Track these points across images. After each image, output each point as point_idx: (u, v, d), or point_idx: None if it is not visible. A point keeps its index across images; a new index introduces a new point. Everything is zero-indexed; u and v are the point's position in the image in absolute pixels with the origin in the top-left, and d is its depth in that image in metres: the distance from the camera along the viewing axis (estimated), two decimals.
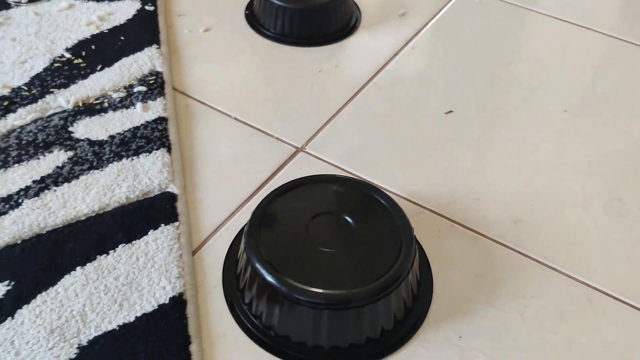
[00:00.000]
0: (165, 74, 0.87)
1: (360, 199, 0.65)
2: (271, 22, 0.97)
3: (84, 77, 0.85)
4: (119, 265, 0.63)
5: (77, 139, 0.76)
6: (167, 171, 0.73)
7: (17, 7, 0.97)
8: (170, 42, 0.94)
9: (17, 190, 0.70)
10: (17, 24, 0.94)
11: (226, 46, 0.96)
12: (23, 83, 0.84)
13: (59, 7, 0.97)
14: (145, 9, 0.98)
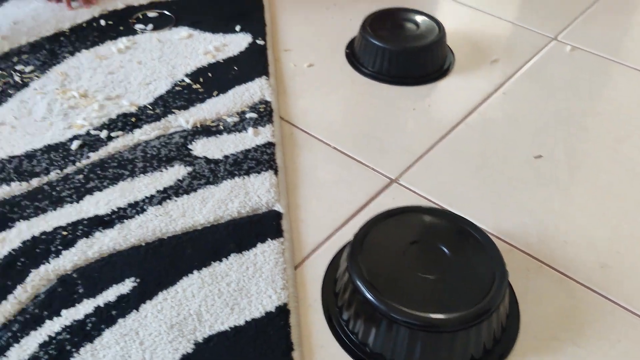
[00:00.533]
0: (273, 104, 0.95)
1: (455, 231, 0.69)
2: (370, 61, 1.04)
3: (201, 101, 0.94)
4: (231, 272, 0.70)
5: (196, 156, 0.84)
6: (274, 191, 0.80)
7: (143, 33, 1.08)
8: (278, 75, 1.03)
9: (143, 198, 0.78)
10: (143, 49, 1.05)
11: (327, 81, 1.03)
12: (148, 102, 0.93)
13: (179, 36, 1.08)
14: (257, 43, 1.07)
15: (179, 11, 1.15)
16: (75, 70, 0.99)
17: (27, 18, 1.11)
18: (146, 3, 1.16)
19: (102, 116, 0.90)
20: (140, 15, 1.13)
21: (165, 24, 1.11)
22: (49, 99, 0.93)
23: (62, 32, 1.08)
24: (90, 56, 1.02)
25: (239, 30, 1.10)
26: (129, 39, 1.07)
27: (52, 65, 1.00)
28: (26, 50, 1.03)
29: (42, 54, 1.02)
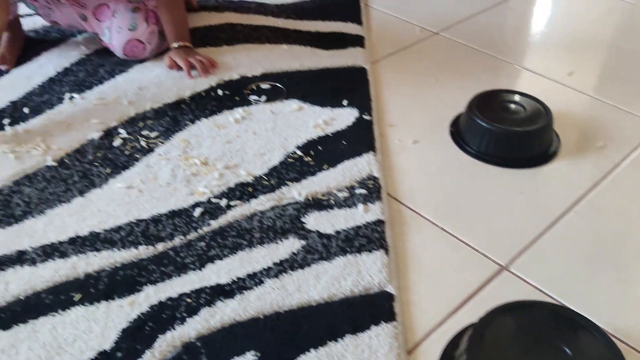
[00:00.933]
0: (381, 180, 0.97)
1: (575, 330, 0.69)
2: (475, 141, 1.06)
3: (312, 174, 0.98)
4: (347, 354, 0.71)
5: (309, 230, 0.88)
6: (385, 271, 0.81)
7: (257, 104, 1.14)
8: (384, 150, 1.06)
9: (260, 269, 0.82)
10: (257, 120, 1.10)
11: (432, 159, 1.05)
12: (263, 173, 0.98)
13: (290, 108, 1.13)
14: (363, 118, 1.11)
15: (289, 83, 1.21)
16: (196, 138, 1.06)
17: (151, 84, 1.19)
18: (259, 74, 1.23)
19: (222, 185, 0.95)
20: (254, 86, 1.20)
21: (277, 96, 1.17)
22: (173, 165, 1.00)
23: (183, 99, 1.16)
24: (209, 124, 1.09)
25: (346, 104, 1.15)
26: (244, 110, 1.13)
27: (175, 132, 1.07)
28: (151, 115, 1.11)
29: (165, 120, 1.10)
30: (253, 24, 1.41)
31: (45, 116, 1.10)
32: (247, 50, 1.32)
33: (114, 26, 1.23)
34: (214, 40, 1.35)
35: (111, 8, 1.24)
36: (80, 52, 1.29)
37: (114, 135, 1.06)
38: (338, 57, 1.30)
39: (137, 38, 1.23)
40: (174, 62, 1.23)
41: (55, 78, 1.21)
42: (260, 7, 1.49)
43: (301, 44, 1.34)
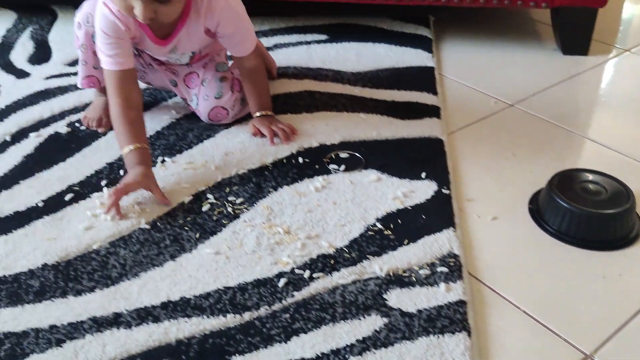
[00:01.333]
0: (461, 257, 0.98)
1: None
2: (555, 221, 1.06)
3: (393, 249, 1.00)
4: None
5: (391, 307, 0.89)
6: (468, 355, 0.82)
7: (336, 173, 1.18)
8: (463, 226, 1.07)
9: (344, 346, 0.84)
10: (337, 189, 1.14)
11: (512, 237, 1.06)
12: (344, 245, 1.01)
13: (369, 179, 1.16)
14: (442, 192, 1.13)
15: (367, 153, 1.24)
16: (278, 205, 1.10)
17: (236, 150, 1.25)
18: (337, 143, 1.28)
19: (304, 255, 0.99)
20: (333, 155, 1.24)
21: (356, 166, 1.20)
22: (257, 232, 1.04)
23: (266, 166, 1.21)
24: (291, 192, 1.13)
25: (424, 177, 1.17)
26: (324, 178, 1.17)
27: (259, 199, 1.11)
28: (236, 181, 1.16)
29: (249, 186, 1.15)
30: (331, 92, 1.47)
31: None
32: (326, 118, 1.37)
33: (201, 94, 1.31)
34: (294, 108, 1.41)
35: (200, 77, 1.32)
36: (170, 116, 1.37)
37: (203, 200, 1.11)
38: (415, 127, 1.33)
39: (222, 105, 1.30)
40: (257, 130, 1.29)
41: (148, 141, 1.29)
42: (337, 74, 1.55)
43: (378, 112, 1.38)
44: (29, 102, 1.42)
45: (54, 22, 1.82)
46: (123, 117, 1.14)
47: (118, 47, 1.16)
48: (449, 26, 1.85)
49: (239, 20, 1.23)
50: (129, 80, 1.18)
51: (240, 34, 1.24)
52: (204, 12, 1.17)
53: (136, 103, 1.18)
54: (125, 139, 1.13)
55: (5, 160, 1.22)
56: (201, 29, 1.20)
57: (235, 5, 1.21)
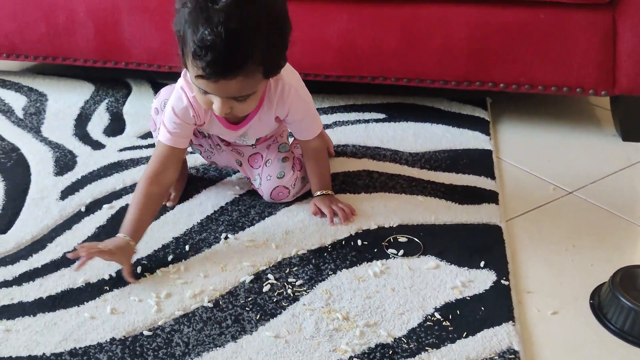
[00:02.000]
0: (521, 354, 0.97)
1: None
2: (619, 320, 1.04)
3: (451, 341, 1.00)
4: None
5: None
6: None
7: (394, 258, 1.20)
8: (522, 319, 1.06)
9: None
10: (395, 275, 1.16)
11: (573, 334, 1.04)
12: (402, 335, 1.02)
13: (427, 266, 1.18)
14: (501, 282, 1.13)
15: (425, 238, 1.26)
16: (337, 289, 1.12)
17: (296, 229, 1.29)
18: (395, 226, 1.30)
19: (363, 344, 1.00)
20: (392, 238, 1.26)
21: (414, 251, 1.22)
22: (316, 317, 1.06)
23: (325, 247, 1.24)
24: (349, 276, 1.15)
25: (482, 266, 1.18)
26: (383, 263, 1.19)
27: (318, 282, 1.14)
28: (296, 262, 1.19)
29: (309, 267, 1.18)
30: (389, 172, 1.50)
31: (203, 255, 1.22)
32: (384, 199, 1.40)
33: (264, 174, 1.36)
34: (353, 187, 1.44)
35: (264, 157, 1.38)
36: (234, 192, 1.43)
37: (264, 280, 1.15)
38: (473, 213, 1.34)
39: (284, 185, 1.35)
40: (318, 209, 1.33)
41: (212, 216, 1.34)
42: (395, 155, 1.59)
43: (436, 196, 1.41)
44: (103, 174, 1.50)
45: (129, 95, 1.95)
46: (145, 186, 1.20)
47: (181, 129, 1.23)
48: (507, 108, 1.88)
49: (307, 108, 1.29)
50: (174, 158, 1.24)
51: (307, 120, 1.30)
52: (275, 103, 1.24)
53: (166, 182, 1.23)
54: (130, 218, 1.17)
55: (80, 230, 1.30)
56: (272, 117, 1.27)
57: (304, 95, 1.27)
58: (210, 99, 1.12)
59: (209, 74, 1.04)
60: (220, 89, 1.08)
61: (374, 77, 1.73)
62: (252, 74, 1.08)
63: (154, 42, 1.80)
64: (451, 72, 1.67)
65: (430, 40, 1.64)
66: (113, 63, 1.87)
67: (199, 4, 1.02)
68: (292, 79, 1.26)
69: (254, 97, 1.14)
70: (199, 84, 1.08)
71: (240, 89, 1.08)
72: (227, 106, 1.11)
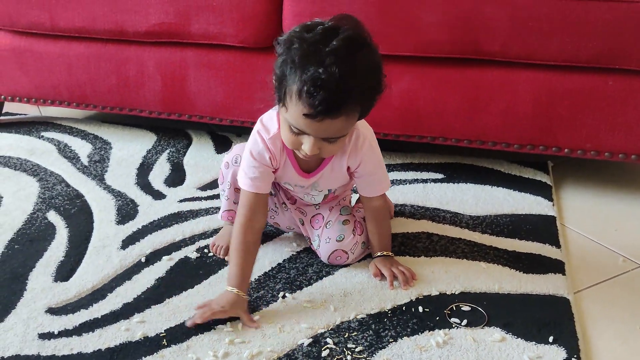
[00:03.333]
0: None
1: None
2: None
3: None
4: None
5: None
6: None
7: (457, 328, 1.16)
8: None
9: None
10: (459, 347, 1.11)
11: None
12: None
13: (492, 338, 1.13)
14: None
15: (489, 307, 1.21)
16: (398, 359, 1.08)
17: (354, 291, 1.27)
18: (457, 293, 1.26)
19: None
20: (454, 306, 1.22)
21: (478, 321, 1.18)
22: None
23: (385, 312, 1.21)
24: (411, 345, 1.11)
25: (551, 341, 1.12)
26: (445, 333, 1.14)
27: (378, 349, 1.11)
28: (355, 326, 1.16)
29: (368, 334, 1.14)
30: (449, 236, 1.47)
31: (260, 313, 1.21)
32: (445, 264, 1.36)
33: (324, 236, 1.35)
34: (412, 250, 1.42)
35: (325, 218, 1.38)
36: (291, 249, 1.42)
37: (322, 344, 1.12)
38: (539, 283, 1.29)
39: (343, 249, 1.33)
40: (378, 271, 1.31)
41: (269, 273, 1.33)
42: (455, 217, 1.56)
43: (499, 263, 1.36)
44: (163, 224, 1.52)
45: (189, 146, 1.99)
46: (241, 235, 1.23)
47: (260, 173, 1.25)
48: (569, 172, 1.83)
49: (378, 163, 1.29)
50: (260, 204, 1.26)
51: (377, 176, 1.30)
52: (349, 151, 1.24)
53: (258, 226, 1.26)
54: (234, 270, 1.21)
55: (140, 281, 1.30)
56: (344, 166, 1.27)
57: (376, 148, 1.28)
58: (301, 139, 1.13)
59: (318, 112, 1.05)
60: (321, 128, 1.09)
61: (433, 137, 1.72)
62: (352, 115, 1.10)
63: (218, 96, 1.84)
64: (514, 135, 1.65)
65: (493, 103, 1.63)
66: (177, 115, 1.92)
67: (311, 46, 1.05)
68: (367, 131, 1.27)
69: (344, 139, 1.16)
70: (302, 124, 1.09)
71: (341, 128, 1.10)
72: (317, 146, 1.12)
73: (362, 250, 1.37)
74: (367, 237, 1.37)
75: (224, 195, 1.40)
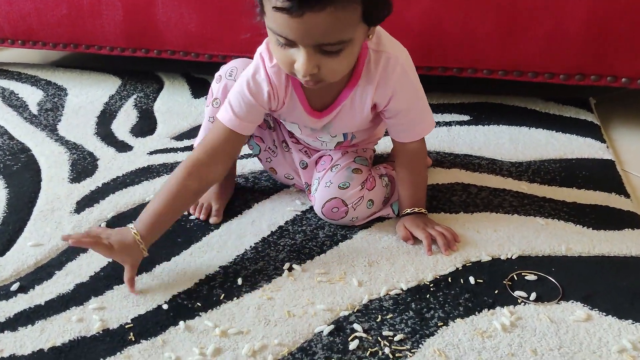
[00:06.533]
0: None
1: None
2: None
3: None
4: None
5: None
6: None
7: (525, 304, 0.87)
8: None
9: None
10: (532, 330, 0.82)
11: None
12: None
13: (574, 317, 0.84)
14: None
15: (561, 275, 0.93)
16: (455, 350, 0.79)
17: (382, 259, 0.97)
18: (514, 257, 0.97)
19: None
20: (515, 275, 0.93)
21: (550, 294, 0.89)
22: None
23: (425, 284, 0.91)
24: (468, 330, 0.82)
25: None
26: (510, 311, 0.86)
27: (425, 337, 0.81)
28: (389, 306, 0.87)
29: (409, 315, 0.85)
30: (490, 187, 1.17)
31: (261, 291, 0.90)
32: (491, 221, 1.07)
33: (325, 179, 1.05)
34: (447, 205, 1.12)
35: (333, 161, 1.07)
36: (294, 208, 1.11)
37: (348, 331, 0.82)
38: (615, 242, 1.00)
39: (343, 199, 1.03)
40: (409, 233, 1.01)
41: (269, 239, 1.03)
42: (492, 164, 1.26)
43: (560, 218, 1.07)
44: (129, 181, 1.20)
45: (160, 91, 1.65)
46: (182, 176, 0.93)
47: (249, 110, 0.96)
48: (616, 110, 1.54)
49: (416, 94, 0.98)
50: (230, 148, 0.97)
51: (414, 112, 0.99)
52: (377, 79, 0.93)
53: (210, 178, 0.97)
54: (150, 210, 0.92)
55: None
56: (368, 103, 0.96)
57: (413, 77, 0.97)
58: (293, 55, 0.83)
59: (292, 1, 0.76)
60: (305, 28, 0.79)
61: (460, 68, 1.41)
62: (348, 8, 0.79)
63: (192, 25, 1.50)
64: (560, 63, 1.34)
65: (535, 23, 1.31)
66: (144, 51, 1.58)
67: None
68: (401, 53, 0.95)
69: (349, 52, 0.84)
70: (281, 25, 0.80)
71: (332, 27, 0.79)
72: (313, 62, 0.82)
73: (368, 211, 1.05)
74: (379, 197, 1.06)
75: (206, 119, 1.09)
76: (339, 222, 1.05)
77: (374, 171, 1.09)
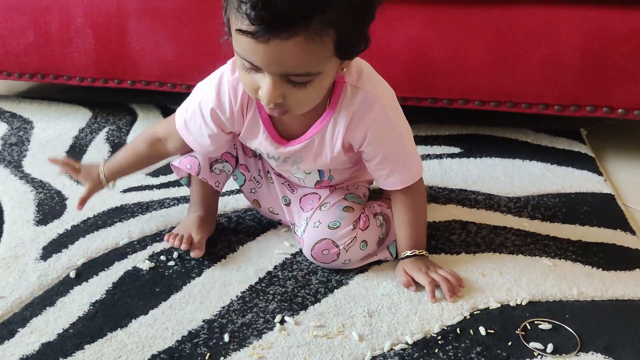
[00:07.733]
0: None
1: None
2: None
3: None
4: None
5: None
6: None
7: (543, 358, 0.80)
8: None
9: None
10: None
11: None
12: None
13: None
14: None
15: (574, 322, 0.86)
16: None
17: (382, 308, 0.88)
18: (524, 303, 0.90)
19: None
20: (527, 324, 0.86)
21: (567, 345, 0.82)
22: None
23: (432, 337, 0.83)
24: None
25: None
26: None
27: None
28: None
29: None
30: (490, 224, 1.11)
31: (250, 350, 0.81)
32: (495, 262, 1.00)
33: (313, 218, 0.97)
34: (447, 245, 1.05)
35: (321, 199, 0.99)
36: (283, 250, 1.02)
37: None
38: (628, 284, 0.94)
39: (334, 240, 0.95)
40: (409, 279, 0.93)
41: (257, 287, 0.94)
42: (489, 200, 1.20)
43: (567, 258, 1.01)
44: (101, 224, 1.10)
45: (134, 123, 1.56)
46: (141, 139, 1.04)
47: (201, 124, 0.94)
48: (608, 141, 1.50)
49: (398, 139, 0.91)
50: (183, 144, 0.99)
51: (397, 159, 0.92)
52: (350, 116, 0.87)
53: (159, 152, 1.03)
54: (115, 157, 1.06)
55: (69, 307, 0.88)
56: (339, 138, 0.89)
57: (395, 118, 0.90)
58: (258, 81, 0.77)
59: (256, 22, 0.70)
60: (271, 55, 0.73)
61: (451, 99, 1.35)
62: (318, 39, 0.72)
63: (168, 54, 1.42)
64: (554, 93, 1.30)
65: (530, 52, 1.27)
66: (116, 82, 1.49)
67: None
68: (382, 93, 0.88)
69: (317, 84, 0.78)
70: (243, 48, 0.75)
71: (299, 58, 0.73)
72: (278, 91, 0.76)
73: (362, 253, 0.97)
74: (374, 238, 0.98)
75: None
76: (331, 266, 0.97)
77: (368, 209, 1.02)
